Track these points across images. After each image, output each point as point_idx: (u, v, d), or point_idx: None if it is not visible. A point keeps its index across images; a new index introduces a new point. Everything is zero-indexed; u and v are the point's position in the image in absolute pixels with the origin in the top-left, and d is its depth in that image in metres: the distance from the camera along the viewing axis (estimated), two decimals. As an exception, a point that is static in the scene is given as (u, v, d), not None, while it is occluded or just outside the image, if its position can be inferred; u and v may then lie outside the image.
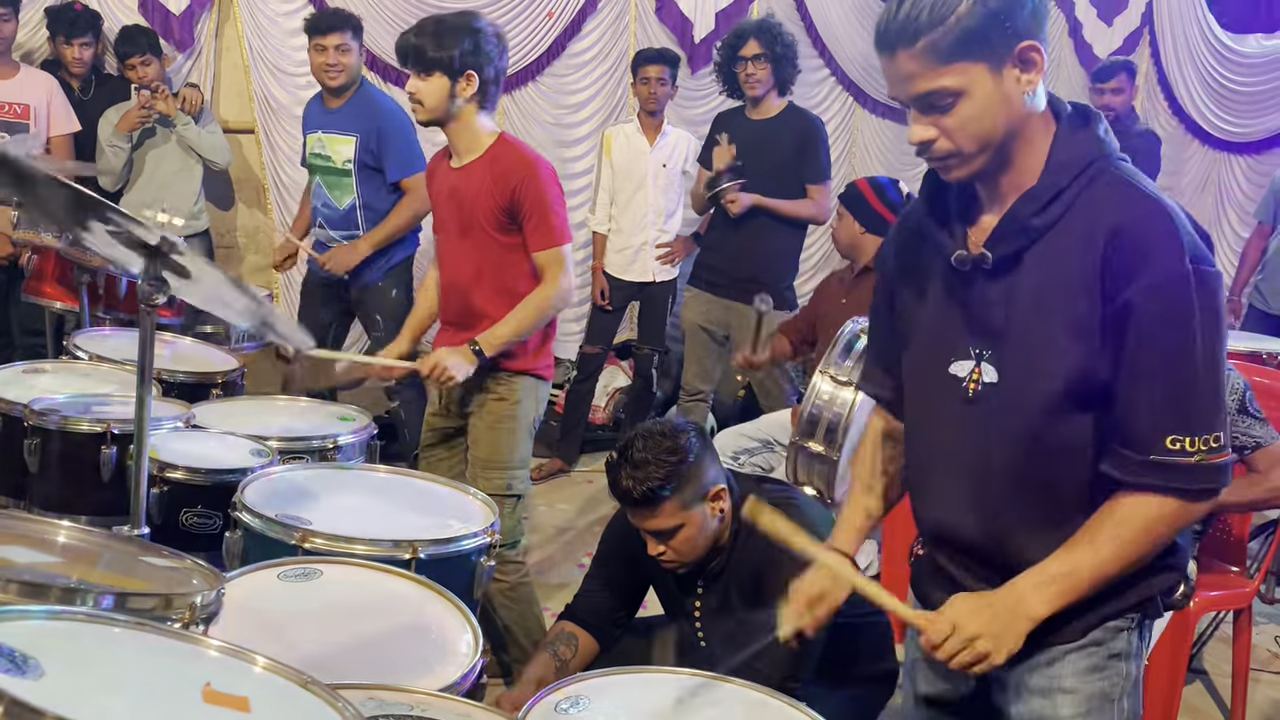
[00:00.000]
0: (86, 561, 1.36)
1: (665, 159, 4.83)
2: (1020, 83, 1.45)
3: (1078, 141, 1.50)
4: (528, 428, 2.92)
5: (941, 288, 1.60)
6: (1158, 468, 1.44)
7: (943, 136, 1.47)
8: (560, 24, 5.53)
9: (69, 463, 2.61)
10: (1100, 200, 1.46)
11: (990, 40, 1.42)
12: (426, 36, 2.70)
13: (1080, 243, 1.45)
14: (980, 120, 1.45)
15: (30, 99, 4.31)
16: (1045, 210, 1.48)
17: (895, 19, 1.44)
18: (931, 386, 1.62)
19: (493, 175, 2.76)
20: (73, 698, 0.94)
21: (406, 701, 1.58)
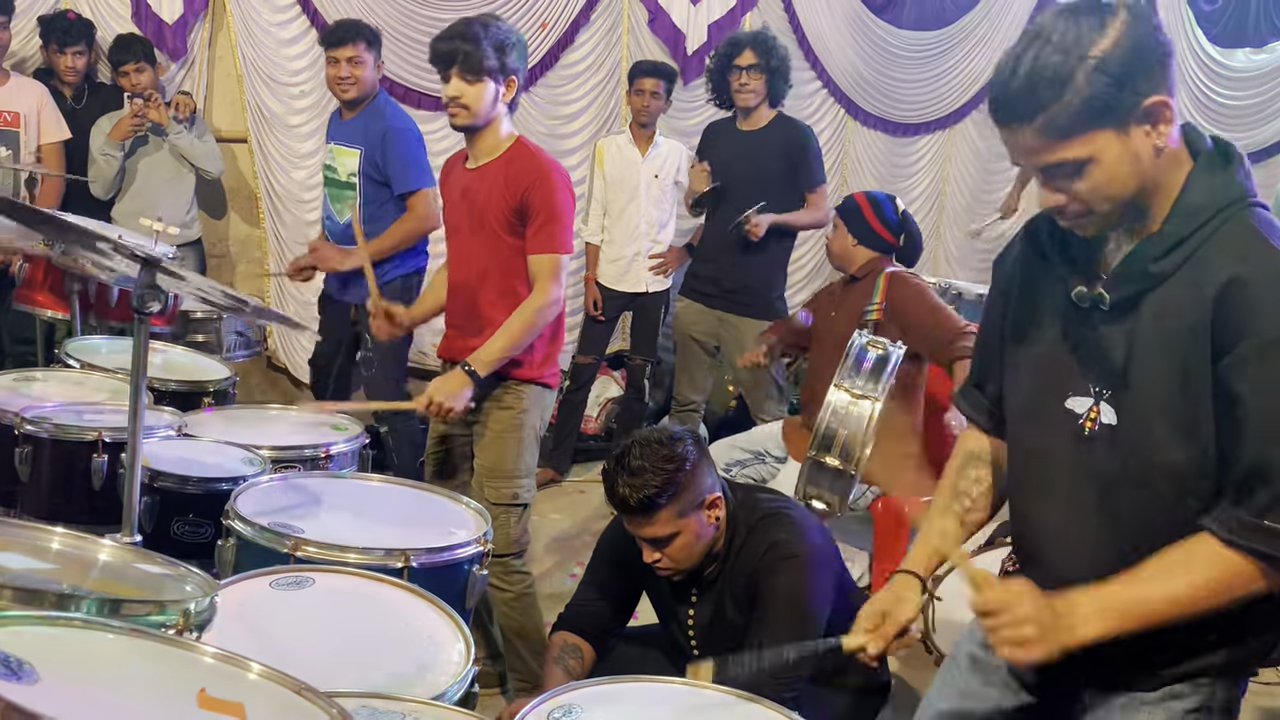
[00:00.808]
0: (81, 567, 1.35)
1: (657, 170, 4.84)
2: (1150, 137, 1.41)
3: (1211, 185, 1.45)
4: (533, 436, 2.91)
5: (1062, 319, 1.56)
6: (1266, 534, 1.40)
7: (1073, 200, 1.45)
8: (554, 35, 5.55)
9: (60, 471, 2.61)
10: (1224, 247, 1.42)
11: (1114, 107, 1.38)
12: (480, 42, 2.69)
13: (1196, 291, 1.41)
14: (1111, 183, 1.42)
15: (20, 107, 4.31)
16: (1166, 256, 1.44)
17: (1010, 91, 1.40)
18: (1045, 417, 1.58)
19: (506, 176, 2.76)
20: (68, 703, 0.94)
21: (399, 710, 1.57)
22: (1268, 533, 1.40)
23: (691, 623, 2.38)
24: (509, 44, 2.74)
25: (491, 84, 2.73)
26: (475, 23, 2.75)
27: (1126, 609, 1.45)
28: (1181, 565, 1.44)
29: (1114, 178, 1.41)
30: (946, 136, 6.68)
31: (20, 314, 4.02)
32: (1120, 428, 1.50)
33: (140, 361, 1.88)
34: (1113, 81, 1.36)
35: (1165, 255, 1.44)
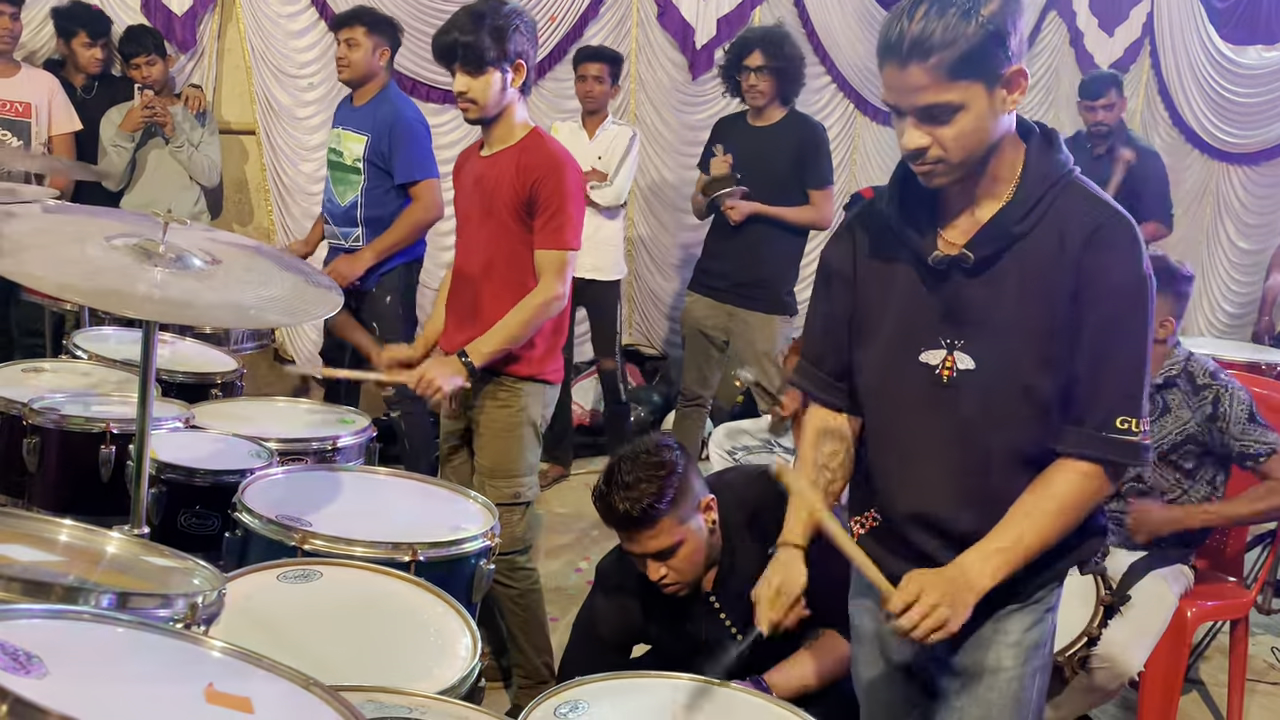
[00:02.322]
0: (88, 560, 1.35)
1: (601, 151, 4.78)
2: (1005, 103, 1.60)
3: (1047, 158, 1.67)
4: (533, 434, 2.88)
5: (910, 283, 1.72)
6: (1107, 442, 1.63)
7: (936, 145, 1.60)
8: (562, 28, 5.54)
9: (68, 462, 2.61)
10: (1074, 208, 1.63)
11: (990, 62, 1.55)
12: (477, 33, 2.63)
13: (1056, 244, 1.62)
14: (974, 134, 1.59)
15: (31, 97, 4.31)
16: (1025, 218, 1.64)
17: (909, 31, 1.54)
18: (902, 375, 1.74)
19: (518, 165, 2.72)
20: (76, 697, 0.94)
21: (405, 704, 1.57)
22: (1109, 443, 1.62)
23: (728, 621, 2.33)
24: (510, 28, 2.66)
25: (497, 73, 2.68)
26: (472, 12, 2.68)
27: (1011, 552, 1.64)
28: (1046, 496, 1.65)
29: (975, 130, 1.58)
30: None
31: (30, 305, 4.03)
32: (979, 371, 1.67)
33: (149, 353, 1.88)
34: (993, 38, 1.53)
35: (1024, 217, 1.63)
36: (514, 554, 2.90)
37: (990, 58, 1.54)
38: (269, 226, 5.29)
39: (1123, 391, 1.63)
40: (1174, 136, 7.24)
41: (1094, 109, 5.14)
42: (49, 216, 1.90)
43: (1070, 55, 6.80)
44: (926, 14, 1.53)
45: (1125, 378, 1.63)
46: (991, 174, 1.66)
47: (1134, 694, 3.10)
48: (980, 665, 1.78)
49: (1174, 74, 7.10)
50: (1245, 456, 2.86)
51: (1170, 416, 2.93)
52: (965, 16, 1.52)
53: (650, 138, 5.89)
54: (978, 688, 1.78)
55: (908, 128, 1.61)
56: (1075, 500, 1.65)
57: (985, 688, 1.78)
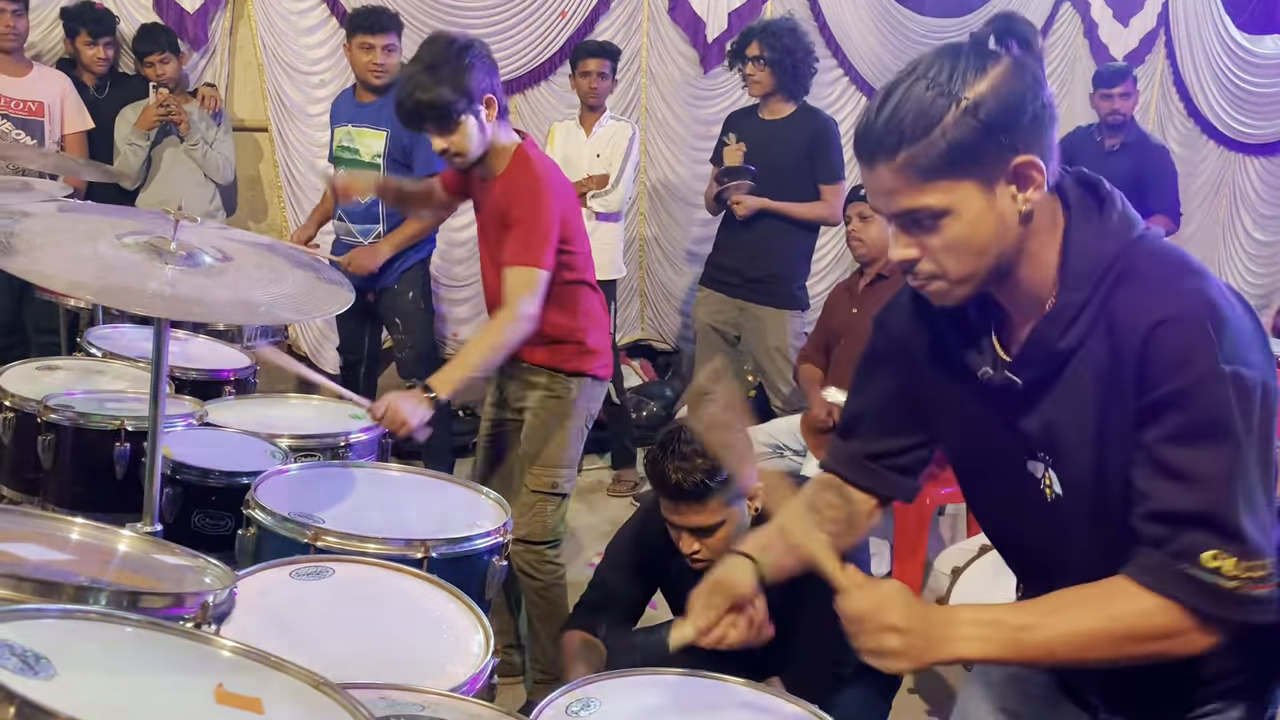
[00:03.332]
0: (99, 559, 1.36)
1: (600, 149, 4.76)
2: (1016, 200, 1.29)
3: (1094, 237, 1.33)
4: (580, 428, 2.90)
5: (979, 391, 1.43)
6: (1186, 580, 1.25)
7: (926, 257, 1.32)
8: (573, 23, 5.53)
9: (82, 460, 2.61)
10: (1131, 304, 1.29)
11: (981, 156, 1.26)
12: (434, 88, 2.53)
13: (1113, 353, 1.29)
14: (968, 242, 1.30)
15: (44, 97, 4.33)
16: (1068, 332, 1.32)
17: (874, 125, 1.29)
18: (1013, 486, 1.46)
19: (505, 192, 2.70)
20: (85, 698, 0.94)
21: (417, 701, 1.57)
22: (1188, 580, 1.25)
23: None
24: (465, 69, 2.56)
25: (471, 119, 2.61)
26: (426, 66, 2.57)
27: (1012, 638, 1.31)
28: (1090, 604, 1.31)
29: (972, 236, 1.29)
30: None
31: (44, 303, 4.04)
32: (1068, 499, 1.39)
33: (161, 350, 1.89)
34: (982, 128, 1.25)
35: (1066, 331, 1.32)
36: (544, 545, 2.91)
37: (980, 151, 1.25)
38: (282, 223, 5.30)
39: (1207, 518, 1.25)
40: (1189, 128, 7.18)
41: (1110, 97, 5.11)
42: (61, 215, 1.91)
43: (1084, 47, 6.75)
44: (899, 101, 1.27)
45: (1209, 499, 1.24)
46: (1031, 278, 1.34)
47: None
48: None
49: (1189, 65, 7.05)
50: None
51: None
52: (943, 101, 1.25)
53: (661, 132, 5.87)
54: None
55: (891, 237, 1.34)
56: (1128, 627, 1.28)
57: None
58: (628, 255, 5.51)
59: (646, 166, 5.83)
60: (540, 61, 5.50)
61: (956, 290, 1.35)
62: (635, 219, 5.89)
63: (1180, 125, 7.14)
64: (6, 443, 2.70)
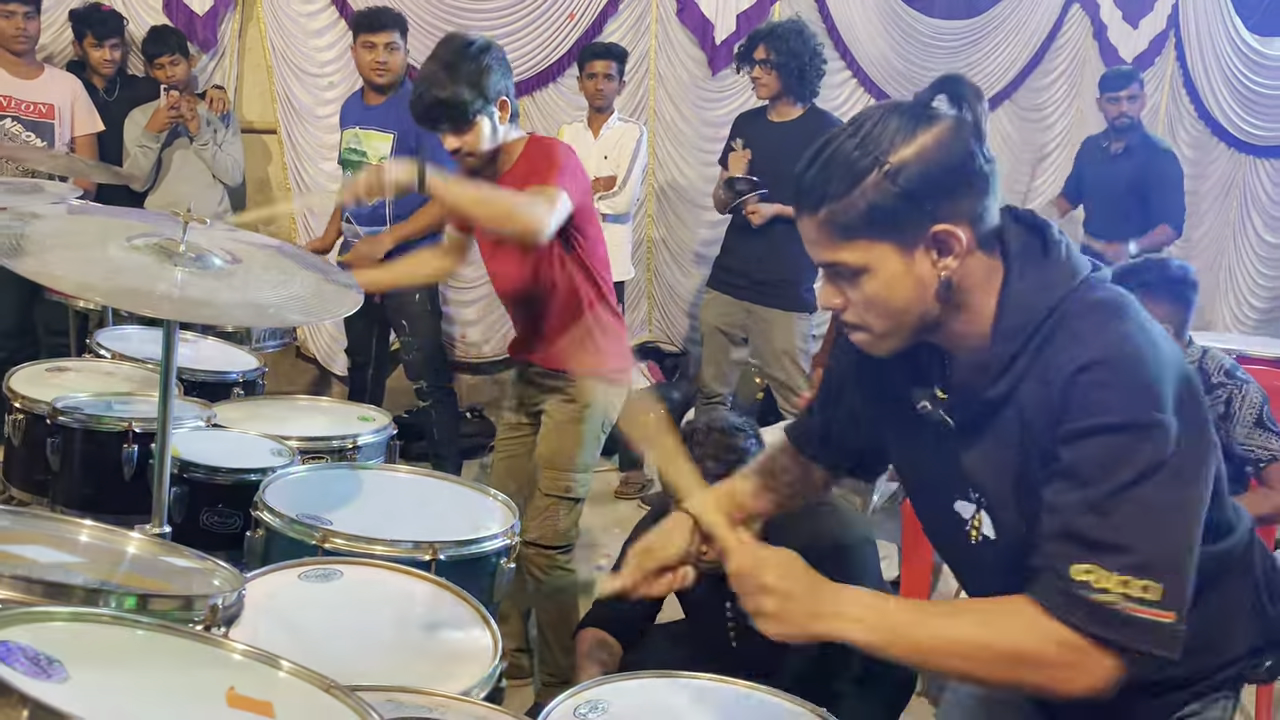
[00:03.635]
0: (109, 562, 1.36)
1: (607, 151, 4.76)
2: (935, 266, 1.28)
3: (1033, 288, 1.31)
4: (596, 432, 2.89)
5: (920, 423, 1.43)
6: (1066, 596, 1.22)
7: (850, 308, 1.34)
8: (581, 26, 5.53)
9: (91, 461, 2.62)
10: (1062, 350, 1.27)
11: (898, 221, 1.26)
12: (451, 86, 2.53)
13: (1043, 402, 1.28)
14: (887, 302, 1.30)
15: (55, 99, 4.34)
16: (998, 382, 1.31)
17: (804, 177, 1.31)
18: (939, 514, 1.49)
19: (525, 174, 2.68)
20: (96, 701, 0.94)
21: (425, 704, 1.57)
22: (1066, 596, 1.22)
23: (730, 614, 2.37)
24: (483, 70, 2.57)
25: (485, 120, 2.61)
26: (443, 64, 2.56)
27: (893, 630, 1.29)
28: (980, 614, 1.30)
29: (890, 296, 1.29)
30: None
31: (53, 305, 4.06)
32: (1000, 544, 1.39)
33: (170, 352, 1.89)
34: (901, 194, 1.25)
35: (997, 380, 1.31)
36: (555, 550, 2.91)
37: (898, 216, 1.25)
38: (290, 225, 5.31)
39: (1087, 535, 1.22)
40: (1199, 130, 7.16)
41: (1117, 100, 5.11)
42: (71, 217, 1.91)
43: (1094, 49, 6.74)
44: (829, 156, 1.28)
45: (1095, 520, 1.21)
46: (963, 331, 1.34)
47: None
48: None
49: (1199, 67, 7.02)
50: (1246, 461, 2.82)
51: None
52: (867, 163, 1.25)
53: (669, 134, 5.87)
54: None
55: (819, 282, 1.38)
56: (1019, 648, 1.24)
57: None
58: (635, 257, 5.51)
59: (654, 168, 5.83)
60: (548, 64, 5.51)
61: (881, 343, 1.36)
62: (643, 221, 5.89)
63: (1190, 127, 7.12)
64: (16, 444, 2.71)
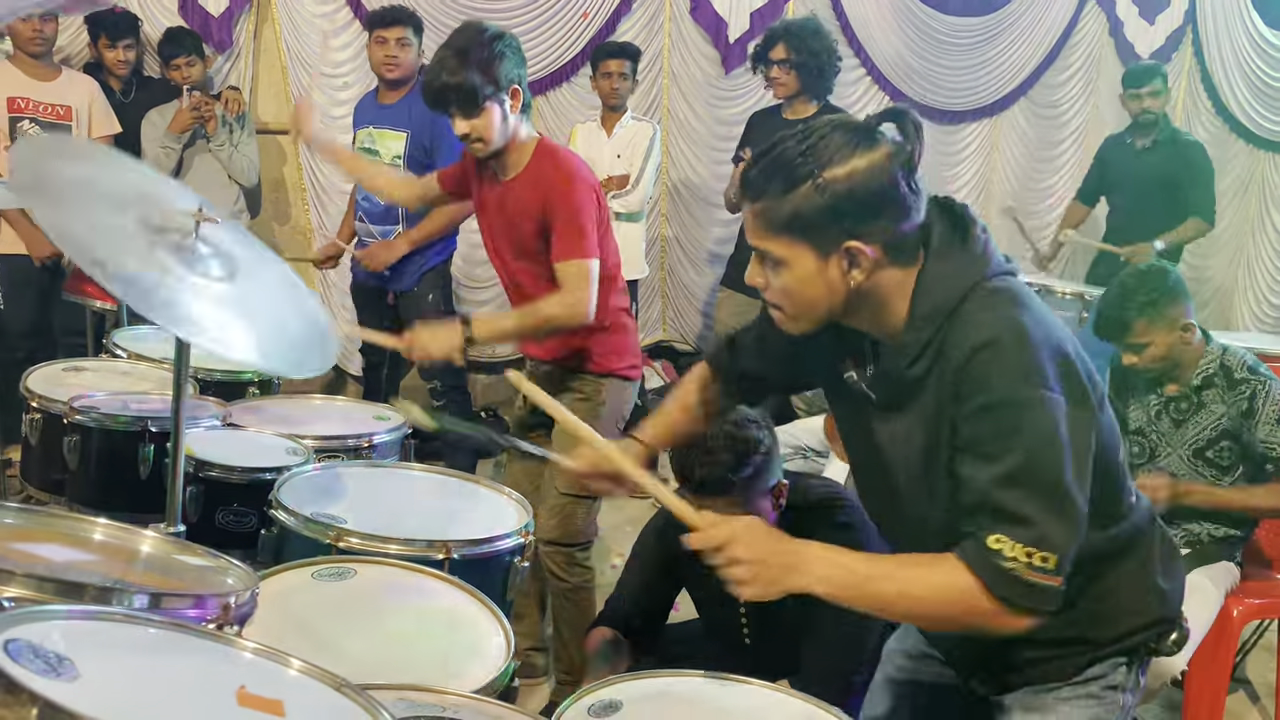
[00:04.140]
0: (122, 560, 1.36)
1: (620, 150, 4.75)
2: (845, 277, 1.44)
3: (947, 278, 1.46)
4: (610, 430, 2.88)
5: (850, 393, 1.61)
6: (982, 561, 1.40)
7: (769, 290, 1.51)
8: (595, 24, 5.53)
9: (107, 460, 2.63)
10: (963, 331, 1.44)
11: (818, 229, 1.42)
12: (461, 72, 2.55)
13: (947, 381, 1.45)
14: (799, 294, 1.48)
15: (72, 101, 4.36)
16: (915, 364, 1.47)
17: (753, 168, 1.47)
18: (864, 457, 1.65)
19: (531, 188, 2.69)
20: (107, 700, 0.94)
21: (438, 703, 1.57)
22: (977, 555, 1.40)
23: (744, 611, 2.36)
24: (495, 57, 2.58)
25: (495, 107, 2.61)
26: (455, 50, 2.59)
27: (857, 585, 1.47)
28: (923, 570, 1.47)
29: (802, 291, 1.46)
30: (993, 124, 6.57)
31: (71, 305, 4.08)
32: (906, 509, 1.58)
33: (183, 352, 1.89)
34: (825, 208, 1.40)
35: (914, 362, 1.47)
36: (573, 547, 2.91)
37: (821, 225, 1.41)
38: (306, 226, 5.33)
39: (999, 505, 1.39)
40: (1217, 126, 7.11)
41: (1139, 96, 5.09)
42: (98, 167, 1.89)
43: (1110, 45, 6.70)
44: (777, 155, 1.44)
45: (1006, 493, 1.39)
46: (883, 320, 1.50)
47: (1179, 693, 3.05)
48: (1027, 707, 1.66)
49: (1217, 62, 6.97)
50: (1267, 459, 2.80)
51: (1205, 412, 2.87)
52: (804, 170, 1.40)
53: (682, 133, 5.87)
54: None
55: (751, 263, 1.54)
56: (944, 599, 1.44)
57: None
58: (649, 256, 5.51)
59: (668, 167, 5.82)
60: (562, 63, 5.51)
61: (793, 325, 1.53)
62: (657, 219, 5.88)
63: (1208, 124, 7.07)
64: (34, 443, 2.73)
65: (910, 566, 1.49)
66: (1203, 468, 2.89)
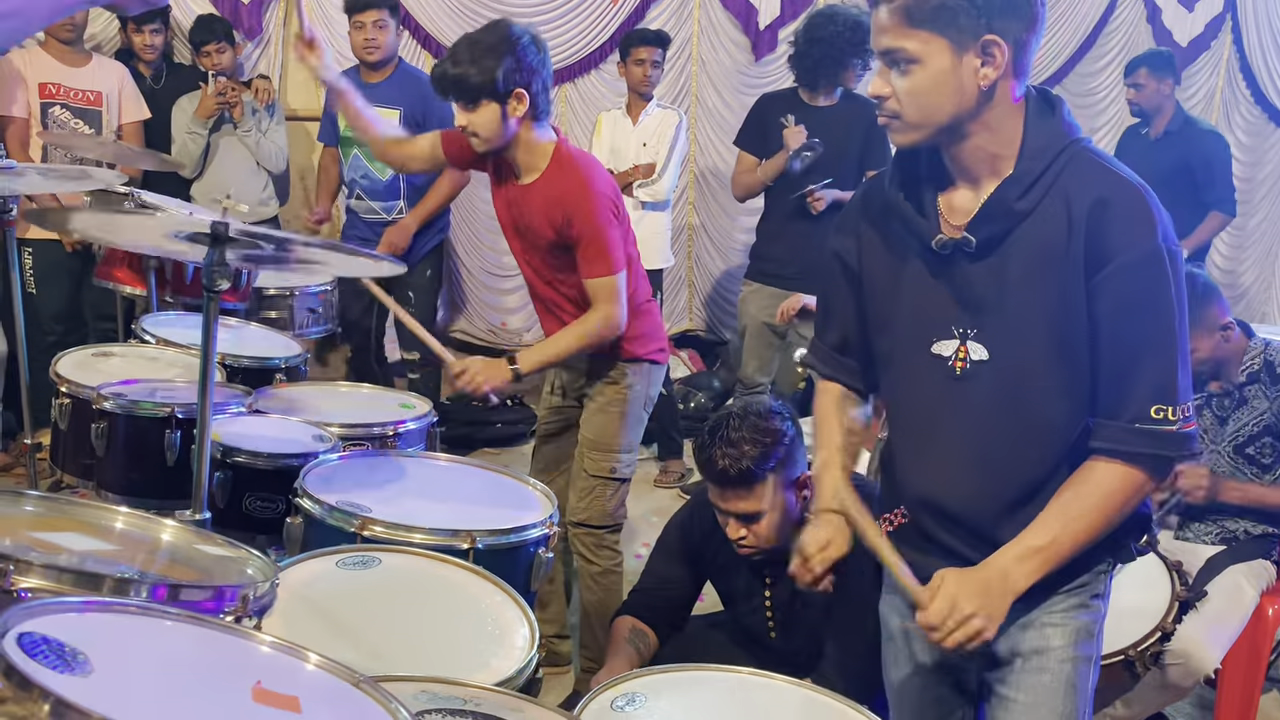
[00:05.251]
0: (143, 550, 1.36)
1: (646, 138, 4.71)
2: (977, 74, 1.49)
3: (1048, 127, 1.56)
4: (638, 413, 2.92)
5: (919, 269, 1.64)
6: (1142, 435, 1.52)
7: (893, 97, 1.53)
8: (624, 11, 5.50)
9: (134, 446, 2.64)
10: (1079, 179, 1.52)
11: (959, 19, 1.46)
12: (465, 65, 2.57)
13: (1063, 220, 1.52)
14: (928, 94, 1.51)
15: (102, 87, 4.38)
16: (1027, 194, 1.53)
17: None
18: (915, 367, 1.67)
19: (546, 199, 2.68)
20: (120, 696, 0.93)
21: (459, 695, 1.56)
22: (1145, 434, 1.52)
23: (769, 604, 2.35)
24: (503, 59, 2.56)
25: (493, 105, 2.60)
26: (470, 42, 2.62)
27: (1049, 551, 1.56)
28: (1084, 494, 1.56)
29: (932, 90, 1.50)
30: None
31: (101, 290, 4.10)
32: (993, 361, 1.60)
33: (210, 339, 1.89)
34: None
35: (1025, 194, 1.53)
36: (602, 530, 2.93)
37: (959, 13, 1.46)
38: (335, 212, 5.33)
39: (1154, 378, 1.52)
40: (1256, 116, 6.98)
41: (1126, 86, 5.09)
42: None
43: (1148, 32, 6.59)
44: None
45: (1155, 362, 1.52)
46: (986, 148, 1.56)
47: (1211, 692, 3.00)
48: (1027, 648, 1.69)
49: (1257, 51, 6.85)
50: None
51: (1247, 408, 2.83)
52: None
53: (711, 120, 5.83)
54: (1026, 672, 1.70)
55: (876, 71, 1.56)
56: (1115, 499, 1.56)
57: (1035, 670, 1.69)
58: (676, 245, 5.48)
59: (695, 154, 5.79)
60: (590, 50, 5.48)
61: (910, 134, 1.56)
62: (684, 208, 5.85)
63: (1247, 113, 6.95)
64: (63, 428, 2.75)
65: (1077, 500, 1.56)
66: (1244, 465, 2.85)
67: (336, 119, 4.36)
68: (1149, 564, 2.65)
